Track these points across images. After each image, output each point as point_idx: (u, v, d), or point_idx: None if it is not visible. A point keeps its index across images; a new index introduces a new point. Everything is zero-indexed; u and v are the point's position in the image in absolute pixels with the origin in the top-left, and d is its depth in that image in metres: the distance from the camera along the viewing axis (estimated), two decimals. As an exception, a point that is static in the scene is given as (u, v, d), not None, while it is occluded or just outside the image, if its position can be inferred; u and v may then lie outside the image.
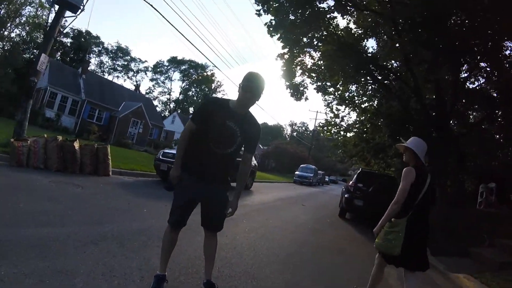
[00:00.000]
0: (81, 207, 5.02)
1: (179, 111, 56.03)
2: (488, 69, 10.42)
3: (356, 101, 14.82)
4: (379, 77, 11.32)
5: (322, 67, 11.67)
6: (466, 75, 10.58)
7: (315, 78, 12.59)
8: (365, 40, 11.29)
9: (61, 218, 4.22)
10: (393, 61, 11.73)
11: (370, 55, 11.05)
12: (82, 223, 4.20)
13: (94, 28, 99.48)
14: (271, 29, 9.56)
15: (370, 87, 13.43)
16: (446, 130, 9.78)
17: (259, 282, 3.52)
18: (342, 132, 16.52)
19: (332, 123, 16.21)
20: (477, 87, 11.20)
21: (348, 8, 10.02)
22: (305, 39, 10.33)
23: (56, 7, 9.76)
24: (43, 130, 15.79)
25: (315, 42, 10.74)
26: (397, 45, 9.34)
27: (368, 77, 11.47)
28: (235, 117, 2.62)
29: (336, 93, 14.58)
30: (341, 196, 12.72)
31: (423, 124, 10.81)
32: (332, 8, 9.71)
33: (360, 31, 11.26)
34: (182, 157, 2.73)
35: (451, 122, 10.46)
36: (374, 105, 14.46)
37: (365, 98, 14.83)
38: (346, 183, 14.97)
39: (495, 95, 10.79)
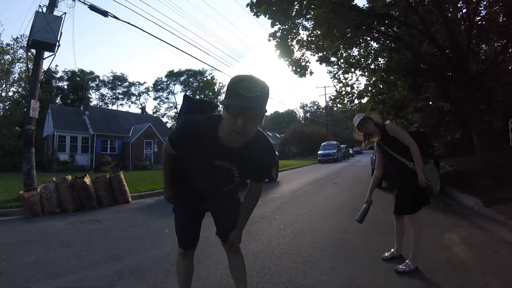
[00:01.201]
0: (96, 244, 4.60)
1: (189, 121, 55.96)
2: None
3: (363, 64, 14.00)
4: (383, 29, 10.52)
5: (319, 36, 10.92)
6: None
7: (315, 49, 11.88)
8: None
9: (73, 262, 3.81)
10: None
11: (365, 8, 10.24)
12: (97, 263, 3.74)
13: (86, 65, 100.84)
14: (254, 8, 8.86)
15: (374, 44, 12.63)
16: (465, 70, 8.97)
17: (309, 290, 2.88)
18: (356, 100, 15.79)
19: (343, 93, 15.48)
20: (485, 18, 10.29)
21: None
22: (293, 9, 9.58)
23: (34, 51, 9.64)
24: (60, 174, 15.72)
25: (304, 12, 10.00)
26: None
27: (370, 34, 10.67)
28: (228, 154, 1.76)
29: (339, 61, 13.85)
30: (372, 166, 12.05)
31: (440, 68, 10.04)
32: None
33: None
34: (171, 178, 2.17)
35: (468, 61, 9.62)
36: (382, 62, 13.69)
37: (370, 60, 14.04)
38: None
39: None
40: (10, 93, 30.00)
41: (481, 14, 10.15)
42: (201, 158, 1.80)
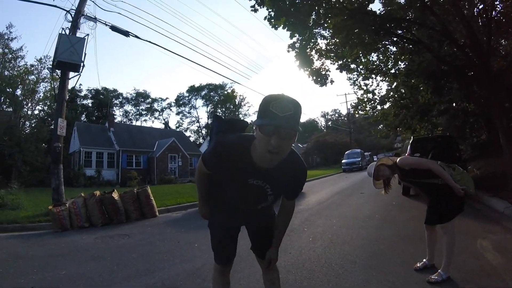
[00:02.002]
0: (127, 259, 4.65)
1: (212, 134, 56.35)
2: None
3: (383, 69, 13.82)
4: (401, 32, 10.41)
5: (338, 44, 10.89)
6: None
7: (334, 58, 11.85)
8: (370, 3, 10.29)
9: (105, 277, 3.86)
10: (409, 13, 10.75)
11: (382, 13, 10.18)
12: (129, 278, 3.79)
13: (109, 83, 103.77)
14: (272, 21, 8.96)
15: (393, 49, 12.48)
16: (487, 68, 8.74)
17: (342, 303, 2.83)
18: (378, 106, 15.59)
19: (365, 99, 15.30)
20: (502, 12, 10.00)
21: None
22: (311, 19, 9.61)
23: (59, 72, 9.93)
24: (87, 189, 16.12)
25: (322, 21, 10.01)
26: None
27: (388, 38, 10.56)
28: (261, 173, 1.75)
29: (359, 68, 13.72)
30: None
31: (462, 68, 9.82)
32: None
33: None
34: (206, 196, 2.18)
35: (489, 58, 9.33)
36: (402, 67, 13.49)
37: (390, 64, 13.85)
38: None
39: None
40: (36, 112, 31.16)
41: (497, 9, 9.89)
42: (235, 177, 1.79)
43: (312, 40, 11.18)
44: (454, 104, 14.52)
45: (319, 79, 11.68)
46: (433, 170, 3.14)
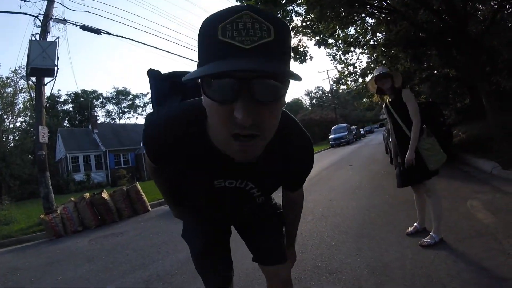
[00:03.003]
0: (122, 256, 4.66)
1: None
2: None
3: (362, 42, 13.75)
4: (376, 3, 10.36)
5: (314, 20, 10.79)
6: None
7: (311, 34, 11.76)
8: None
9: (101, 276, 3.87)
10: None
11: None
12: (125, 274, 3.79)
13: (88, 85, 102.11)
14: (243, 1, 8.83)
15: (370, 20, 12.41)
16: (465, 33, 8.76)
17: (336, 274, 2.82)
18: (360, 79, 15.57)
19: (346, 73, 15.27)
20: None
21: None
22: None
23: (33, 79, 9.74)
24: (78, 194, 15.97)
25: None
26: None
27: (364, 10, 10.49)
28: (236, 169, 1.01)
29: (337, 42, 13.64)
30: (385, 142, 11.96)
31: (440, 34, 9.83)
32: None
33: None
34: (170, 195, 1.48)
35: (467, 23, 9.34)
36: (380, 37, 13.46)
37: (368, 36, 13.79)
38: (386, 126, 13.92)
39: None
40: (18, 124, 30.74)
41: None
42: (194, 176, 1.11)
43: (287, 18, 11.05)
44: (435, 71, 14.57)
45: (298, 56, 11.61)
46: (413, 123, 3.09)
